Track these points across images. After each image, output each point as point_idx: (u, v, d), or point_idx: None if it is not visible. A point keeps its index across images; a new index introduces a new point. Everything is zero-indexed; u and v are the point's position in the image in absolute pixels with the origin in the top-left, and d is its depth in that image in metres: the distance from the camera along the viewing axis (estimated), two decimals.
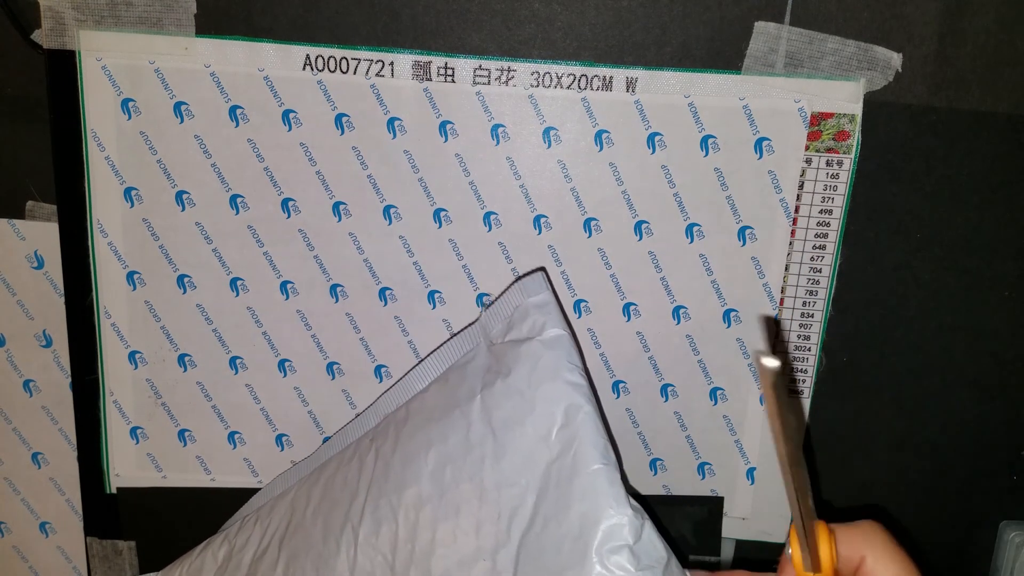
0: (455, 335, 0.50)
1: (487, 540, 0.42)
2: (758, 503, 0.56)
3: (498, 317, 0.48)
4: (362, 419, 0.52)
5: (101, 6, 0.48)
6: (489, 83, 0.49)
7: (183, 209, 0.52)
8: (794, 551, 0.33)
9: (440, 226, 0.52)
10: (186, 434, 0.56)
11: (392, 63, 0.49)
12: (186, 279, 0.53)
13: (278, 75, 0.49)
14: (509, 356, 0.45)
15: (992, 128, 0.49)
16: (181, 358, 0.54)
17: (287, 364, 0.54)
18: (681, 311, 0.52)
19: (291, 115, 0.50)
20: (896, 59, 0.48)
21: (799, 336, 0.53)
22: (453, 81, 0.49)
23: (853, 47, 0.48)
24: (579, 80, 0.49)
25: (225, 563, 0.52)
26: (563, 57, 0.49)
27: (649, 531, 0.39)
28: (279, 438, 0.56)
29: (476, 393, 0.45)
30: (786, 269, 0.52)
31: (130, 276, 0.53)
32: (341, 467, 0.50)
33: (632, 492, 0.41)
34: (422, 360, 0.51)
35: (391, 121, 0.50)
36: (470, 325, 0.50)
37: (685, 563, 0.46)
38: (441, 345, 0.50)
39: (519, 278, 0.50)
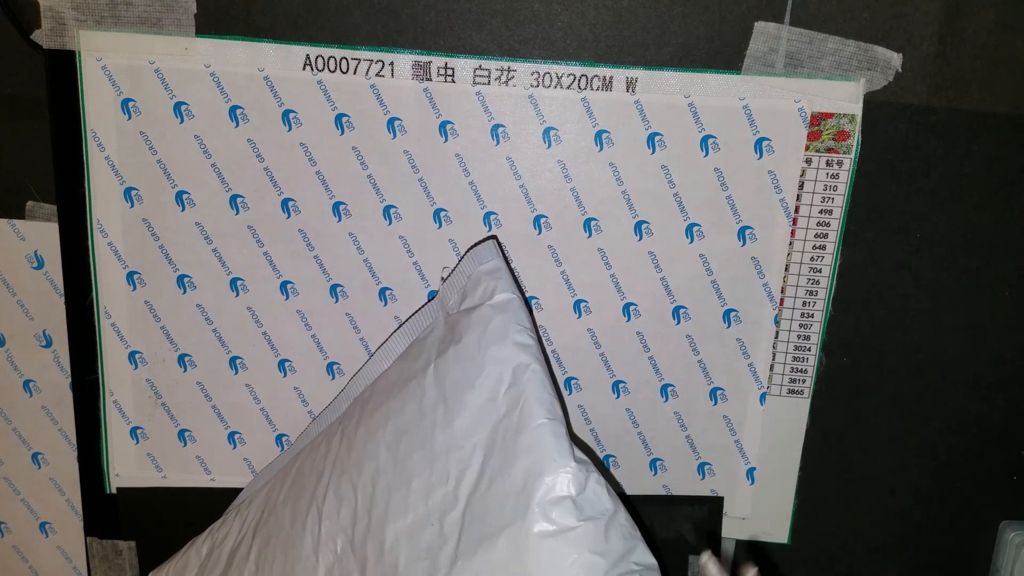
0: (415, 313, 0.50)
1: (436, 505, 0.42)
2: (758, 503, 0.56)
3: (453, 288, 0.48)
4: (334, 406, 0.52)
5: (101, 6, 0.48)
6: (489, 83, 0.49)
7: (183, 209, 0.52)
8: None
9: (440, 226, 0.52)
10: (186, 434, 0.56)
11: (392, 63, 0.49)
12: (186, 279, 0.53)
13: (278, 75, 0.49)
14: (462, 323, 0.46)
15: (992, 128, 0.49)
16: (181, 358, 0.54)
17: (287, 364, 0.54)
18: (681, 311, 0.52)
19: (291, 115, 0.50)
20: (896, 59, 0.48)
21: (798, 336, 0.53)
22: (453, 81, 0.49)
23: (853, 47, 0.48)
24: (579, 80, 0.49)
25: (208, 557, 0.53)
26: (563, 57, 0.49)
27: (594, 483, 0.39)
28: (279, 438, 0.56)
29: (431, 362, 0.46)
30: (786, 269, 0.52)
31: (130, 276, 0.53)
32: (312, 453, 0.50)
33: (582, 447, 0.41)
34: (386, 340, 0.51)
35: (391, 121, 0.50)
36: (429, 302, 0.50)
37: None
38: (403, 323, 0.50)
39: (471, 248, 0.50)
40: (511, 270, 0.48)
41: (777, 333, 0.53)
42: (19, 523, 0.59)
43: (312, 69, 0.49)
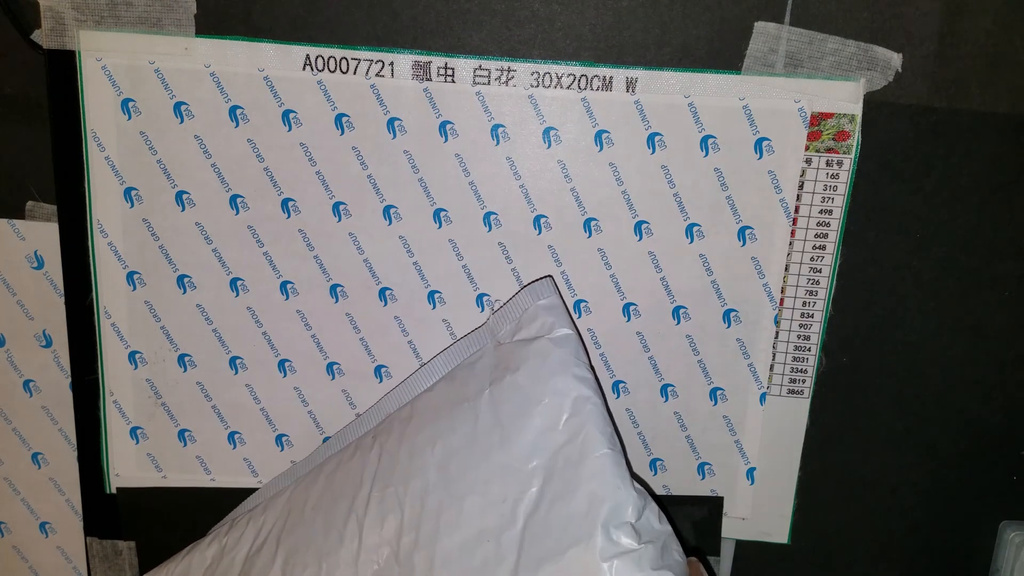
0: (461, 338, 0.51)
1: (491, 522, 0.44)
2: (758, 503, 0.56)
3: (507, 319, 0.50)
4: (363, 419, 0.53)
5: (101, 6, 0.48)
6: (489, 83, 0.49)
7: (183, 209, 0.52)
8: None
9: (440, 226, 0.52)
10: (186, 434, 0.56)
11: (392, 63, 0.49)
12: (186, 279, 0.53)
13: (278, 75, 0.49)
14: (518, 354, 0.47)
15: (992, 128, 0.49)
16: (181, 358, 0.54)
17: (287, 364, 0.54)
18: (681, 311, 0.52)
19: (291, 115, 0.50)
20: (896, 59, 0.48)
21: (798, 336, 0.53)
22: (453, 81, 0.49)
23: (853, 47, 0.48)
24: (579, 80, 0.49)
25: (215, 562, 0.53)
26: (563, 57, 0.49)
27: (650, 511, 0.42)
28: (279, 438, 0.56)
29: (485, 388, 0.47)
30: (786, 269, 0.52)
31: (130, 276, 0.53)
32: (342, 464, 0.51)
33: (635, 478, 0.43)
34: (427, 362, 0.51)
35: (391, 121, 0.50)
36: (477, 329, 0.51)
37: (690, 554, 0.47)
38: (447, 348, 0.51)
39: (528, 284, 0.51)
40: (567, 307, 0.50)
41: (777, 333, 0.53)
42: (19, 523, 0.59)
43: (312, 69, 0.49)
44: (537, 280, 0.51)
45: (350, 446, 0.52)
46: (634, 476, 0.43)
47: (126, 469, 0.56)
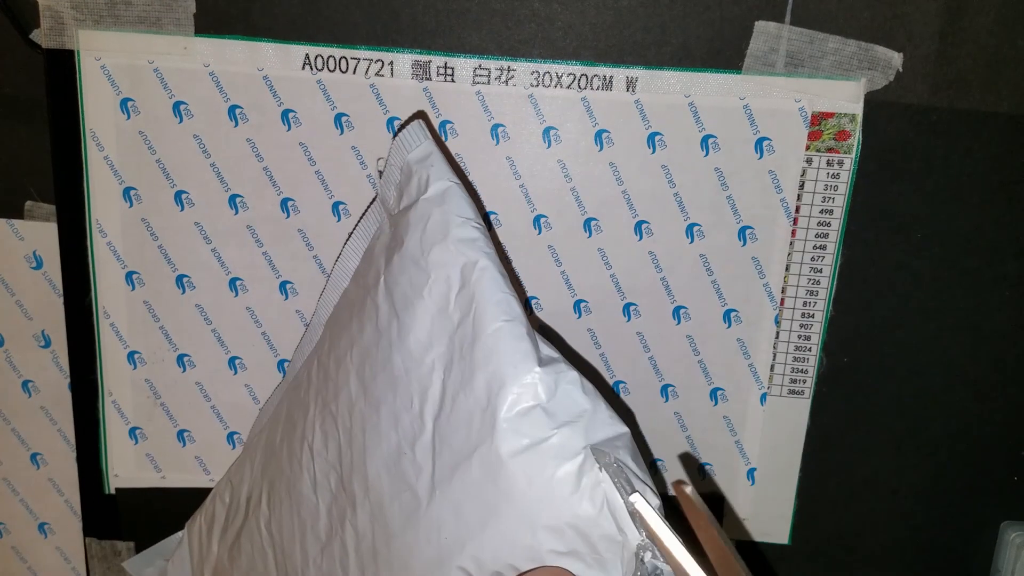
0: (361, 217, 0.47)
1: (405, 432, 0.39)
2: (758, 504, 0.56)
3: (389, 184, 0.43)
4: (309, 332, 0.50)
5: (100, 6, 0.48)
6: (489, 83, 0.49)
7: (182, 209, 0.51)
8: None
9: None
10: (185, 434, 0.56)
11: (392, 63, 0.49)
12: (185, 279, 0.53)
13: (277, 75, 0.49)
14: (402, 224, 0.41)
15: (992, 128, 0.49)
16: (180, 358, 0.54)
17: (287, 364, 0.54)
18: (681, 311, 0.52)
19: (290, 115, 0.50)
20: (896, 59, 0.48)
21: (799, 336, 0.53)
22: (453, 81, 0.49)
23: (854, 47, 0.48)
24: (579, 80, 0.49)
25: (230, 503, 0.52)
26: (563, 57, 0.49)
27: (566, 383, 0.35)
28: None
29: (380, 274, 0.42)
30: (786, 269, 0.52)
31: (129, 276, 0.53)
32: (296, 387, 0.48)
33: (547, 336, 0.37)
34: (339, 254, 0.48)
35: (391, 121, 0.50)
36: (372, 202, 0.46)
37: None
38: (354, 229, 0.47)
39: (399, 130, 0.45)
40: (446, 152, 0.42)
41: (777, 333, 0.53)
42: (18, 524, 0.58)
43: (312, 69, 0.49)
44: (405, 124, 0.45)
45: (302, 366, 0.49)
46: (547, 335, 0.37)
47: (125, 469, 0.56)
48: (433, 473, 0.37)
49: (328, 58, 0.49)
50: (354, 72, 0.49)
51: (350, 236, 0.48)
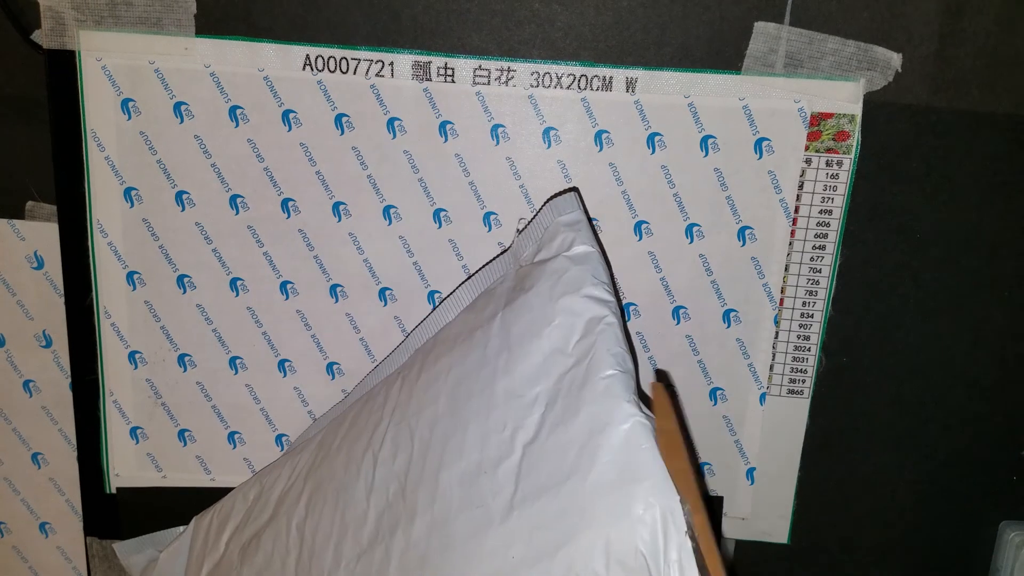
0: (486, 264, 0.49)
1: (491, 452, 0.41)
2: (758, 503, 0.56)
3: (529, 240, 0.46)
4: (394, 357, 0.51)
5: (101, 6, 0.48)
6: (489, 83, 0.49)
7: (183, 209, 0.52)
8: None
9: (440, 226, 0.51)
10: (186, 434, 0.56)
11: (392, 63, 0.49)
12: (186, 279, 0.53)
13: (278, 75, 0.49)
14: (534, 274, 0.44)
15: (992, 128, 0.49)
16: (181, 358, 0.54)
17: (287, 364, 0.54)
18: (681, 311, 0.52)
19: (291, 115, 0.50)
20: (896, 59, 0.48)
21: (798, 336, 0.53)
22: (453, 81, 0.49)
23: (853, 47, 0.48)
24: (579, 80, 0.49)
25: (255, 502, 0.52)
26: (563, 57, 0.49)
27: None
28: (279, 438, 0.56)
29: (499, 311, 0.44)
30: (786, 269, 0.52)
31: (130, 276, 0.53)
32: (368, 402, 0.50)
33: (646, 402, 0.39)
34: (451, 292, 0.50)
35: (391, 121, 0.50)
36: (501, 253, 0.48)
37: None
38: (472, 275, 0.49)
39: (551, 198, 0.48)
40: (591, 223, 0.46)
41: (777, 333, 0.53)
42: (19, 523, 0.59)
43: (312, 69, 0.49)
44: (560, 194, 0.48)
45: (379, 384, 0.50)
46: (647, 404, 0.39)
47: (126, 469, 0.56)
48: (514, 495, 0.39)
49: (328, 58, 0.49)
50: (354, 72, 0.49)
51: (467, 279, 0.49)
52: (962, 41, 0.48)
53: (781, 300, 0.52)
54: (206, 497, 0.56)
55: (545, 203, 0.47)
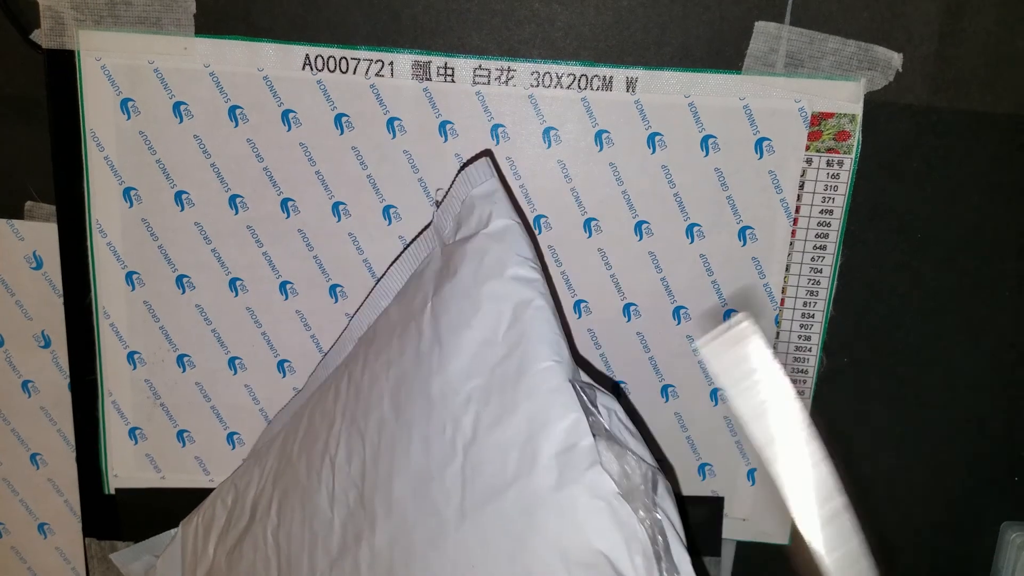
0: (410, 243, 0.47)
1: (435, 457, 0.39)
2: (758, 504, 0.56)
3: (448, 214, 0.44)
4: (338, 346, 0.50)
5: (100, 6, 0.48)
6: (489, 83, 0.49)
7: (182, 209, 0.51)
8: None
9: None
10: (185, 435, 0.56)
11: (392, 63, 0.49)
12: (185, 279, 0.53)
13: (278, 75, 0.49)
14: (457, 255, 0.41)
15: (992, 128, 0.49)
16: (180, 358, 0.54)
17: (287, 364, 0.54)
18: (681, 311, 0.52)
19: (291, 115, 0.50)
20: (896, 59, 0.48)
21: (799, 336, 0.53)
22: (453, 81, 0.49)
23: (853, 47, 0.48)
24: (579, 80, 0.49)
25: (233, 507, 0.52)
26: (563, 57, 0.49)
27: (605, 425, 0.37)
28: None
29: (428, 300, 0.42)
30: (786, 269, 0.52)
31: (129, 276, 0.53)
32: (321, 398, 0.48)
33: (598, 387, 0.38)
34: (384, 274, 0.48)
35: (391, 121, 0.50)
36: (424, 229, 0.47)
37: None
38: (399, 255, 0.47)
39: (463, 166, 0.46)
40: (509, 192, 0.43)
41: (777, 333, 0.53)
42: (18, 524, 0.58)
43: (312, 69, 0.49)
44: (472, 160, 0.46)
45: (329, 377, 0.49)
46: (588, 370, 0.38)
47: (125, 470, 0.56)
48: (463, 500, 0.38)
49: (328, 58, 0.49)
50: (354, 72, 0.49)
51: (397, 258, 0.47)
52: (962, 41, 0.48)
53: (782, 300, 0.52)
54: (205, 498, 0.56)
55: (458, 172, 0.44)
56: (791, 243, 0.51)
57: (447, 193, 0.44)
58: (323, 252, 0.52)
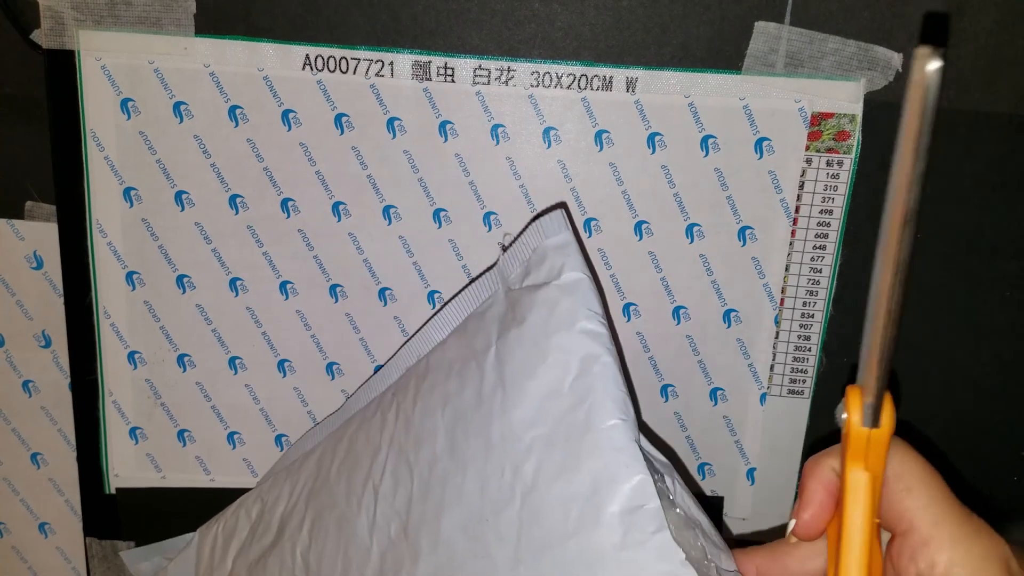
0: (473, 280, 0.48)
1: (491, 498, 0.39)
2: (758, 504, 0.56)
3: (516, 260, 0.44)
4: (384, 372, 0.50)
5: (100, 6, 0.48)
6: (489, 83, 0.49)
7: (182, 209, 0.51)
8: (852, 400, 0.32)
9: (440, 226, 0.51)
10: (185, 434, 0.56)
11: (392, 63, 0.49)
12: (185, 279, 0.53)
13: (278, 75, 0.49)
14: (524, 303, 0.42)
15: (992, 128, 0.49)
16: (180, 358, 0.54)
17: (287, 364, 0.54)
18: (681, 311, 0.52)
19: (291, 115, 0.50)
20: (896, 59, 0.48)
21: (799, 336, 0.53)
22: (453, 81, 0.49)
23: (853, 47, 0.48)
24: (579, 80, 0.49)
25: (258, 520, 0.52)
26: (563, 57, 0.49)
27: (676, 489, 0.37)
28: (279, 438, 0.56)
29: (491, 344, 0.42)
30: (786, 269, 0.52)
31: (129, 276, 0.53)
32: (364, 423, 0.49)
33: (658, 447, 0.38)
34: (441, 308, 0.49)
35: (391, 121, 0.50)
36: (488, 270, 0.47)
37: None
38: (459, 292, 0.48)
39: (537, 216, 0.46)
40: (582, 246, 0.44)
41: (777, 333, 0.53)
42: (18, 524, 0.59)
43: (312, 69, 0.49)
44: (547, 211, 0.46)
45: (372, 403, 0.49)
46: (656, 445, 0.39)
47: (125, 469, 0.56)
48: (517, 546, 0.38)
49: (328, 58, 0.49)
50: (354, 72, 0.49)
51: (456, 295, 0.47)
52: (962, 41, 0.48)
53: (782, 300, 0.52)
54: (206, 498, 0.56)
55: (531, 221, 0.45)
56: (791, 243, 0.51)
57: (516, 238, 0.45)
58: (323, 252, 0.52)
